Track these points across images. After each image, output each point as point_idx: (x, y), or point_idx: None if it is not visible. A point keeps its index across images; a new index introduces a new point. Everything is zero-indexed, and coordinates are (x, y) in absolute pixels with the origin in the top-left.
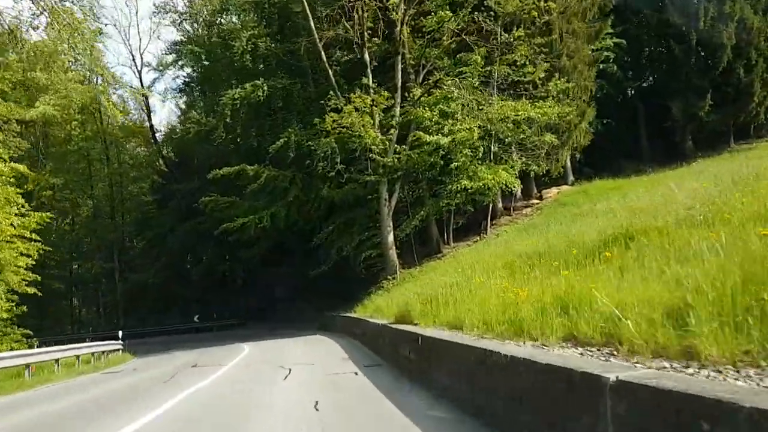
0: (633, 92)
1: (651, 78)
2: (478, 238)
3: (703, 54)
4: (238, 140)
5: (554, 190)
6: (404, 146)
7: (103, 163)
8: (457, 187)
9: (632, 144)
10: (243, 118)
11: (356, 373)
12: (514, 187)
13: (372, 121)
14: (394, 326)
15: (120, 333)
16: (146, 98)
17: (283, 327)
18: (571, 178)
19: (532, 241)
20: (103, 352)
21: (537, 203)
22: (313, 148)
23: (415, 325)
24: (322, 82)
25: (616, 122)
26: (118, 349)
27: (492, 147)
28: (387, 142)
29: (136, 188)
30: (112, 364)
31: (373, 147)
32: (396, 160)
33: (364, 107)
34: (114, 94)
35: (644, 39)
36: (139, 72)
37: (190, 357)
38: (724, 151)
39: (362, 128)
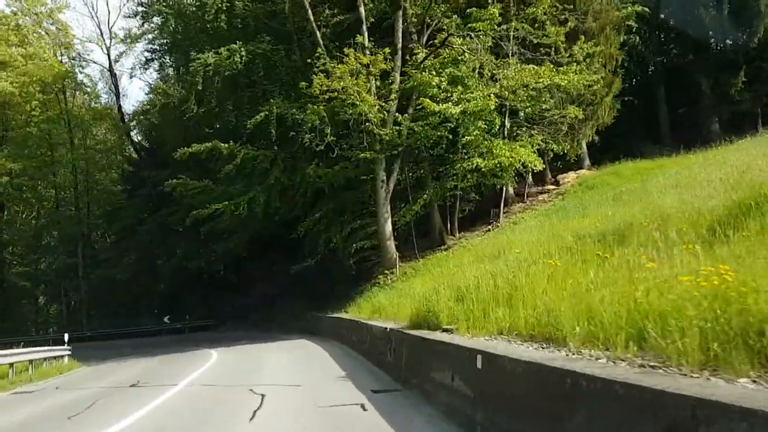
0: (653, 69)
1: (676, 52)
2: (488, 227)
3: (737, 24)
4: (214, 120)
5: (571, 174)
6: (406, 115)
7: (67, 148)
8: (468, 166)
9: (651, 127)
10: (218, 90)
11: (364, 407)
12: (535, 166)
13: (368, 86)
14: (413, 333)
15: (66, 336)
16: (115, 77)
17: (263, 329)
18: (587, 162)
19: (577, 223)
20: (45, 359)
21: (554, 189)
22: (298, 119)
23: (448, 332)
24: (308, 47)
25: (635, 102)
26: (63, 356)
27: (505, 121)
28: (385, 113)
29: (104, 177)
30: (42, 377)
31: (369, 115)
32: (396, 133)
33: (360, 68)
34: (81, 72)
35: (670, 7)
36: (108, 49)
37: (141, 368)
38: (754, 135)
39: (357, 94)
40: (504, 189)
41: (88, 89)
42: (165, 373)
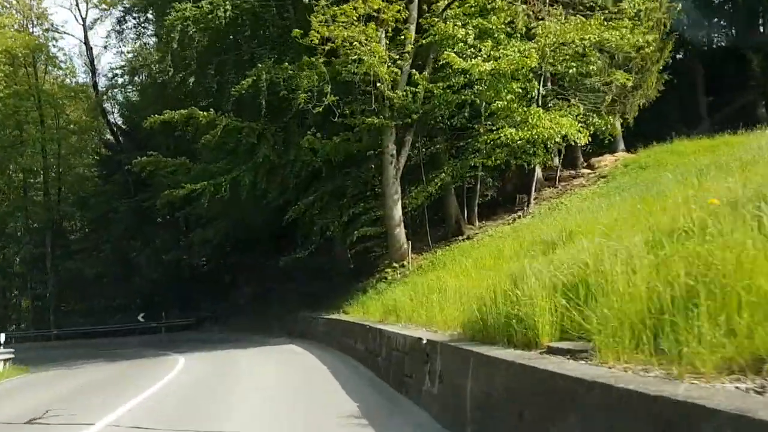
0: (690, 48)
1: (721, 26)
2: (515, 214)
3: None
4: (194, 88)
5: (608, 157)
6: (425, 73)
7: (38, 127)
8: (500, 138)
9: (687, 110)
10: (198, 52)
11: None
12: (577, 140)
13: (378, 36)
14: (495, 354)
15: (2, 337)
16: (90, 51)
17: (245, 330)
18: (621, 145)
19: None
20: None
21: (589, 173)
22: (291, 85)
23: (572, 356)
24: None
25: (674, 81)
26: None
27: (540, 88)
28: (398, 72)
29: (78, 162)
30: None
31: (379, 73)
32: (410, 96)
33: (370, 11)
34: (54, 47)
35: None
36: (84, 19)
37: (78, 383)
38: None
39: (364, 46)
40: (534, 171)
41: (63, 64)
42: (96, 399)
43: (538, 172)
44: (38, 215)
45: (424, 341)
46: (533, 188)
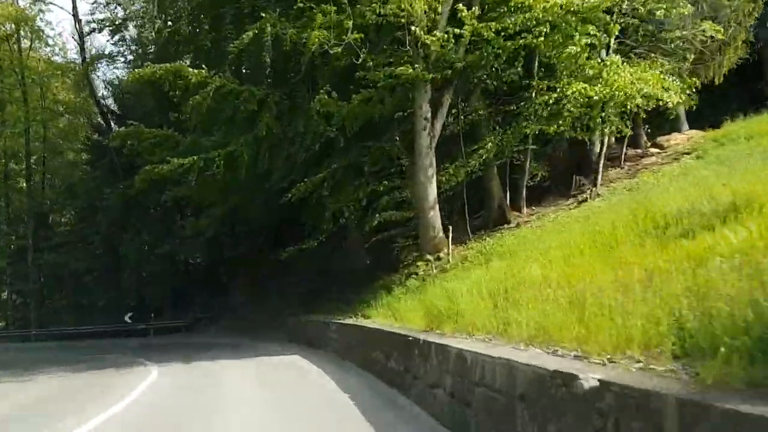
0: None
1: None
2: (574, 199)
3: None
4: (187, 46)
5: (677, 135)
6: (475, 9)
7: (20, 107)
8: (564, 98)
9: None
10: (192, 4)
11: None
12: (669, 101)
13: None
14: None
15: None
16: (79, 23)
17: (242, 334)
18: (685, 125)
19: None
20: None
21: (659, 152)
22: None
23: None
24: None
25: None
26: None
27: (610, 41)
28: (438, 4)
29: (65, 145)
30: None
31: (414, 8)
32: (452, 41)
33: None
34: (41, 20)
35: None
36: None
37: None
38: None
39: None
40: (593, 150)
41: (50, 39)
42: None
43: (596, 152)
44: (20, 204)
45: (590, 382)
46: (600, 166)
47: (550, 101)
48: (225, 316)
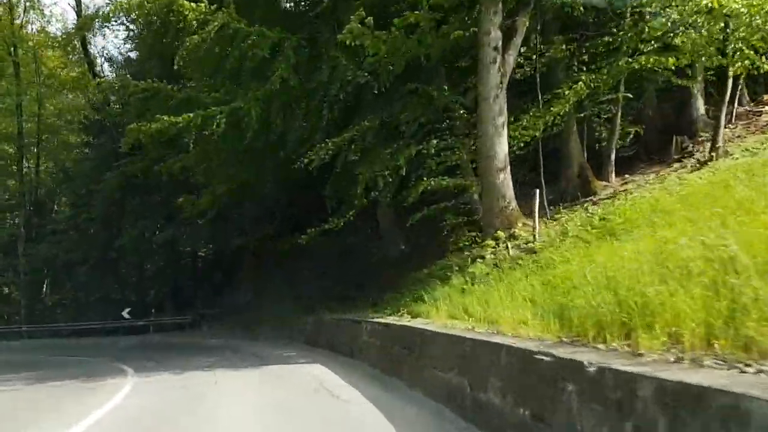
0: None
1: None
2: (681, 163)
3: None
4: None
5: None
6: None
7: (12, 81)
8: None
9: None
10: None
11: None
12: None
13: None
14: None
15: None
16: None
17: (249, 335)
18: None
19: None
20: None
21: None
22: None
23: None
24: None
25: None
26: None
27: None
28: None
29: (62, 124)
30: None
31: None
32: None
33: None
34: None
35: None
36: None
37: None
38: None
39: None
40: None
41: (49, 12)
42: None
43: (699, 107)
44: (10, 188)
45: None
46: (723, 115)
47: (666, 23)
48: (231, 313)
